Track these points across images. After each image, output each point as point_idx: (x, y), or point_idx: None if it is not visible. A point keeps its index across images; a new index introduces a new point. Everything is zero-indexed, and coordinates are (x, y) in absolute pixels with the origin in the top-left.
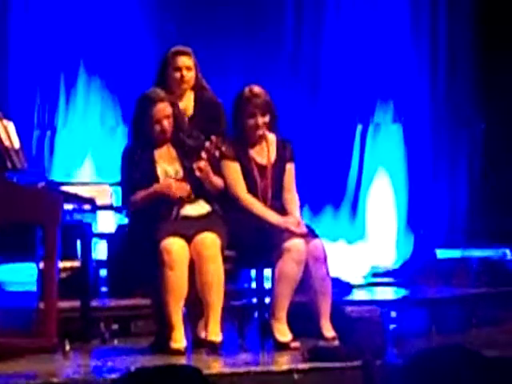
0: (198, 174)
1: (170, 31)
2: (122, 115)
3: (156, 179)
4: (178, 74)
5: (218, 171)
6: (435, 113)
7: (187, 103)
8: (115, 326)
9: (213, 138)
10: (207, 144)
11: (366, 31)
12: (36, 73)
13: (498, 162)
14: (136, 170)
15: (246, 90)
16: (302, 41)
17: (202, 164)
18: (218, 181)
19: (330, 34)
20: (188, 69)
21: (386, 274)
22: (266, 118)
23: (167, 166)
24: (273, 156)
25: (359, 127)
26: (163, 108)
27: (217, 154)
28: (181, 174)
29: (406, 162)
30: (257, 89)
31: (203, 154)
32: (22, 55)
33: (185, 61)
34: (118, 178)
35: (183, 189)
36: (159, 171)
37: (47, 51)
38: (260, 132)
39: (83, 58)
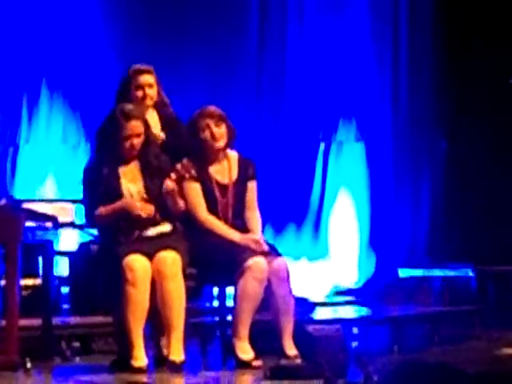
0: (164, 193)
1: (133, 50)
2: (84, 133)
3: (120, 196)
4: (140, 93)
5: (183, 193)
6: (397, 131)
7: (151, 120)
8: (77, 344)
9: (184, 160)
10: (178, 166)
11: (329, 50)
12: None
13: (459, 181)
14: (100, 184)
15: (197, 110)
16: (265, 59)
17: (171, 184)
18: (181, 202)
19: (293, 52)
20: (150, 86)
21: (349, 292)
22: (222, 129)
23: (130, 184)
24: (234, 174)
25: (322, 145)
26: (136, 125)
27: (186, 176)
28: (143, 193)
29: (369, 180)
30: (208, 107)
31: (172, 175)
32: None
33: (147, 79)
34: (81, 193)
35: (148, 210)
36: (123, 189)
37: (9, 68)
38: (217, 145)
39: (46, 76)
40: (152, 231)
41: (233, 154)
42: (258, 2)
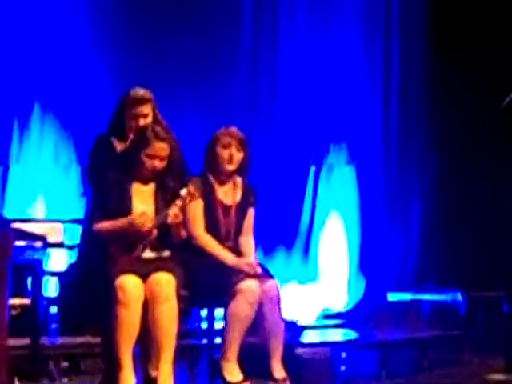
0: (169, 220)
1: (124, 71)
2: (75, 154)
3: (129, 213)
4: (133, 123)
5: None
6: (388, 155)
7: None
8: (65, 364)
9: (190, 187)
10: (183, 192)
11: (320, 73)
12: None
13: (449, 206)
14: (110, 198)
15: (224, 126)
16: (256, 81)
17: (176, 212)
18: (183, 232)
19: (284, 75)
20: (144, 116)
21: (338, 315)
22: (240, 155)
23: (141, 204)
24: (238, 198)
25: (312, 168)
26: (164, 148)
27: (191, 202)
28: (151, 215)
29: (359, 203)
30: (235, 127)
31: (178, 202)
32: None
33: (142, 109)
34: (73, 214)
35: (154, 232)
36: (132, 208)
37: (1, 88)
38: (230, 167)
39: (37, 96)
40: (149, 254)
41: (238, 179)
42: (250, 23)
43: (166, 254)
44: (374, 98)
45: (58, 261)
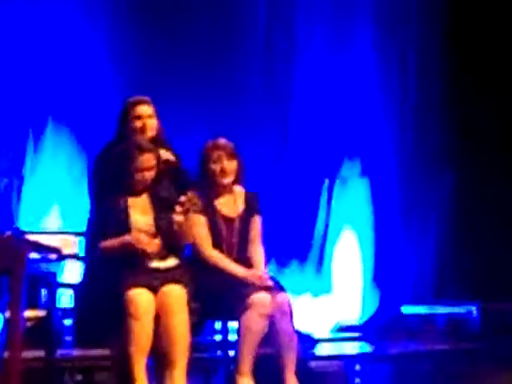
0: (174, 227)
1: (139, 84)
2: (89, 165)
3: (127, 229)
4: (139, 123)
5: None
6: (403, 167)
7: None
8: (79, 377)
9: (189, 193)
10: (182, 198)
11: (335, 87)
12: (4, 121)
13: (465, 219)
14: (107, 216)
15: (211, 140)
16: (271, 94)
17: (180, 218)
18: (189, 236)
19: (299, 89)
20: (149, 116)
21: (352, 328)
22: (233, 164)
23: (139, 216)
24: (240, 208)
25: (326, 181)
26: (149, 158)
27: (191, 209)
28: (151, 226)
29: (373, 216)
30: (222, 139)
31: (178, 208)
32: None
33: (145, 109)
34: (85, 226)
35: (153, 244)
36: (131, 221)
37: (16, 100)
38: (225, 180)
39: (51, 108)
40: (157, 264)
41: (239, 189)
42: (264, 38)
43: (174, 262)
44: (389, 110)
45: (73, 273)
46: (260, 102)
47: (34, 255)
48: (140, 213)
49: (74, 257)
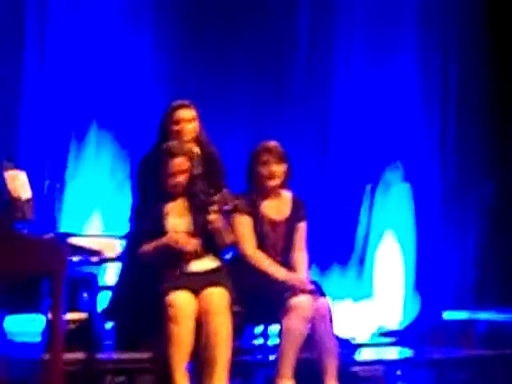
0: (209, 226)
1: (182, 88)
2: (131, 169)
3: (165, 233)
4: (177, 127)
5: (230, 225)
6: (445, 172)
7: None
8: (121, 379)
9: (224, 191)
10: (217, 197)
11: (375, 91)
12: (48, 124)
13: (507, 223)
14: (145, 222)
15: (261, 143)
16: (312, 101)
17: (214, 217)
18: (229, 235)
19: (340, 93)
20: (188, 121)
21: (393, 333)
22: (282, 168)
23: (178, 219)
24: (286, 213)
25: (368, 186)
26: (181, 162)
27: (227, 207)
28: (191, 227)
29: (415, 221)
30: (272, 142)
31: (213, 208)
32: (35, 106)
33: (185, 114)
34: (127, 231)
35: (192, 243)
36: (168, 225)
37: (60, 103)
38: (272, 183)
39: (95, 112)
40: (197, 266)
41: (286, 194)
42: (306, 48)
43: (213, 264)
44: (431, 114)
45: (114, 276)
46: (302, 108)
47: (75, 258)
48: (177, 216)
49: (116, 259)
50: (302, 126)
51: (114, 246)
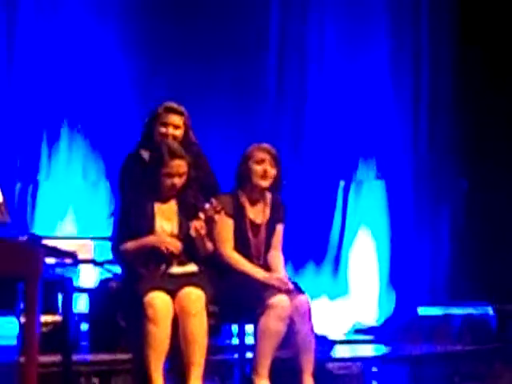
0: (192, 233)
1: (153, 88)
2: (104, 170)
3: (152, 233)
4: (163, 129)
5: (212, 234)
6: (418, 169)
7: None
8: (95, 381)
9: (213, 200)
10: (206, 205)
11: (348, 89)
12: (19, 127)
13: (480, 219)
14: (133, 219)
15: (257, 143)
16: (284, 98)
17: (199, 224)
18: (209, 244)
19: (313, 91)
20: (175, 127)
21: (368, 330)
22: (274, 171)
23: (165, 221)
24: (267, 215)
25: (341, 184)
26: (180, 164)
27: (215, 217)
28: (175, 231)
29: (389, 218)
30: (267, 144)
31: (201, 215)
32: (4, 107)
33: (174, 119)
34: (100, 231)
35: (175, 245)
36: (157, 225)
37: (30, 105)
38: (263, 183)
39: (66, 113)
40: (177, 269)
41: (268, 195)
42: (277, 41)
43: (193, 268)
44: (404, 112)
45: (89, 278)
46: (274, 105)
47: (49, 260)
48: (166, 219)
49: (90, 261)
50: (274, 123)
51: (88, 248)
